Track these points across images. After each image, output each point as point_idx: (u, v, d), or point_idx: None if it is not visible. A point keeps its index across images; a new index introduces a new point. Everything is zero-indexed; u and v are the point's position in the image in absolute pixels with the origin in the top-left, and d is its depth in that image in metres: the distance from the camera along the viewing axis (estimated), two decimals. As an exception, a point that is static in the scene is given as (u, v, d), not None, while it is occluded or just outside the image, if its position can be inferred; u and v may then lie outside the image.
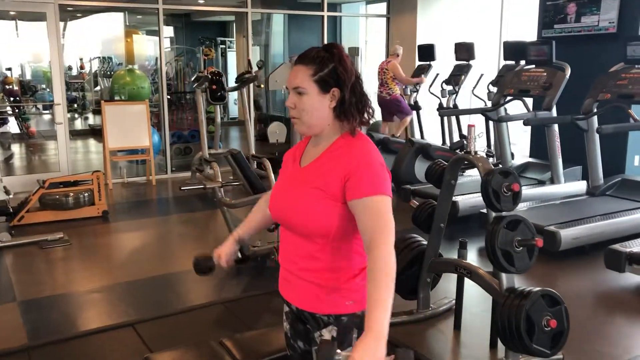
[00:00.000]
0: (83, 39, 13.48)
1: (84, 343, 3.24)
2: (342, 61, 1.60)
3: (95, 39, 14.09)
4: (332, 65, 1.59)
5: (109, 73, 13.61)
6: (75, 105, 13.62)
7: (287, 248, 1.72)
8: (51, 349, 3.16)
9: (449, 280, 3.74)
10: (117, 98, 8.39)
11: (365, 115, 1.64)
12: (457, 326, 3.41)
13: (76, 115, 13.59)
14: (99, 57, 14.26)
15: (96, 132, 11.14)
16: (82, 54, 14.46)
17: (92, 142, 11.07)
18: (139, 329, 3.37)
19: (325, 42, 8.94)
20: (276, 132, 3.46)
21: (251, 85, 7.70)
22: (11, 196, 5.09)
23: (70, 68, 13.25)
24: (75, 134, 9.50)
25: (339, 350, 1.32)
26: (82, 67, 14.77)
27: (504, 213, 2.89)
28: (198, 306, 3.74)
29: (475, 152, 3.03)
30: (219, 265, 1.94)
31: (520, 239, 2.85)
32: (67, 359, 3.04)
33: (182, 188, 4.60)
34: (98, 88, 14.40)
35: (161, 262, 4.64)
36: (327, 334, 1.65)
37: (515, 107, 6.64)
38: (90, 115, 14.03)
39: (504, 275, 2.92)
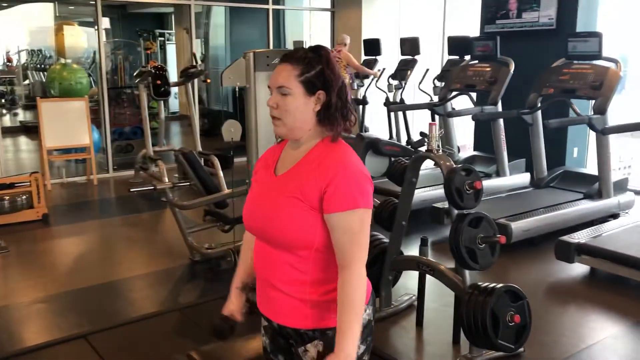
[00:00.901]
0: (9, 30, 12.78)
1: (34, 359, 3.04)
2: (330, 64, 1.54)
3: (22, 30, 13.38)
4: (319, 67, 1.52)
5: (39, 66, 12.96)
6: (3, 101, 12.90)
7: (264, 261, 1.63)
8: (-4, 367, 2.95)
9: (408, 277, 3.76)
10: (52, 93, 7.97)
11: (348, 123, 1.58)
12: (420, 323, 3.43)
13: (4, 111, 12.88)
14: (27, 50, 13.55)
15: (29, 130, 10.58)
16: (8, 46, 13.71)
17: (23, 140, 10.50)
18: (93, 340, 3.19)
19: (271, 35, 8.84)
20: (231, 129, 3.33)
21: (196, 80, 7.51)
22: (-60, 201, 4.74)
23: (-6, 61, 12.56)
24: (5, 131, 8.97)
25: None
26: (9, 60, 14.00)
27: (465, 211, 2.92)
28: (153, 314, 3.58)
29: (437, 150, 3.04)
30: (237, 322, 1.78)
31: (484, 235, 2.88)
32: (15, 377, 2.85)
33: (131, 190, 4.41)
34: (27, 82, 13.70)
35: (109, 268, 4.43)
36: (313, 348, 1.58)
37: (458, 101, 6.77)
38: (20, 111, 13.33)
39: (466, 272, 2.95)
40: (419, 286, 3.40)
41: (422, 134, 3.15)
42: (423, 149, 3.20)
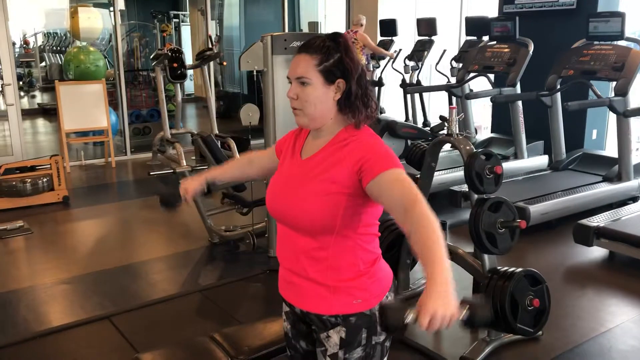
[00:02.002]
0: (25, 13, 12.83)
1: (59, 339, 3.11)
2: (349, 51, 1.54)
3: (38, 12, 13.44)
4: (338, 55, 1.52)
5: (55, 49, 13.04)
6: (21, 83, 13.01)
7: (287, 246, 1.64)
8: (24, 347, 3.02)
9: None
10: (68, 76, 8.02)
11: (369, 110, 1.58)
12: (438, 306, 3.44)
13: (22, 94, 12.99)
14: (44, 32, 13.63)
15: (47, 112, 10.69)
16: (26, 28, 13.78)
17: (42, 123, 10.62)
18: (116, 321, 3.26)
19: (286, 17, 8.79)
20: (249, 113, 3.37)
21: (211, 62, 7.51)
22: (-36, 184, 4.83)
23: (14, 44, 12.61)
24: (24, 114, 9.04)
25: (410, 313, 1.25)
26: (26, 43, 14.09)
27: (486, 195, 2.92)
28: (174, 295, 3.64)
29: (457, 134, 3.03)
30: (184, 198, 1.93)
31: (503, 220, 2.88)
32: (43, 357, 2.91)
33: (150, 174, 4.46)
34: (44, 64, 13.80)
35: (130, 250, 4.51)
36: (335, 335, 1.60)
37: (477, 83, 6.71)
38: (37, 94, 13.45)
39: (486, 257, 2.96)
40: (437, 270, 3.41)
41: (441, 117, 3.13)
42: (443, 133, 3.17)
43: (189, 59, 8.84)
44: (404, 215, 1.39)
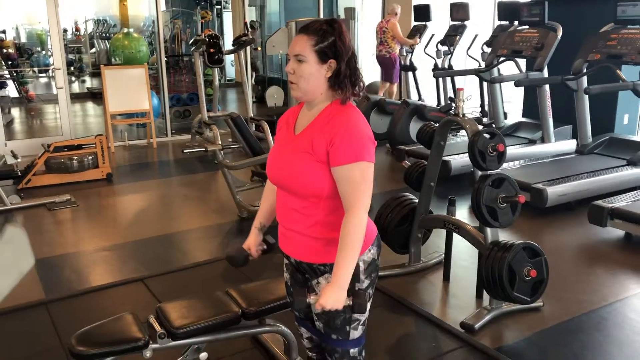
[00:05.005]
0: (77, 1, 13.40)
1: (98, 297, 3.47)
2: (342, 36, 1.76)
3: (88, 0, 13.98)
4: (332, 39, 1.74)
5: (104, 35, 13.58)
6: (72, 68, 13.63)
7: (284, 207, 1.90)
8: (68, 302, 3.39)
9: (440, 236, 3.95)
10: (114, 61, 8.45)
11: (357, 88, 1.80)
12: (446, 278, 3.64)
13: (73, 79, 13.62)
14: (94, 19, 14.18)
15: (95, 96, 11.22)
16: (77, 16, 14.38)
17: (90, 106, 11.16)
18: (149, 283, 3.60)
19: (321, 2, 8.98)
20: (274, 95, 3.57)
21: (248, 47, 7.78)
22: (18, 160, 5.25)
23: (65, 31, 13.22)
24: (73, 98, 9.57)
25: (311, 296, 1.71)
26: (77, 29, 14.71)
27: (489, 172, 3.08)
28: (203, 262, 3.96)
29: (464, 115, 3.20)
30: (251, 256, 2.14)
31: (504, 195, 3.04)
32: (83, 311, 3.26)
33: (184, 151, 4.78)
34: (93, 50, 14.38)
35: (166, 222, 4.85)
36: (324, 281, 1.85)
37: (510, 67, 6.76)
38: (87, 79, 14.06)
39: (488, 230, 3.13)
40: (446, 243, 3.60)
41: (450, 99, 3.30)
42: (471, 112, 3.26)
43: (229, 45, 9.12)
44: (345, 211, 1.74)
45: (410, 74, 8.17)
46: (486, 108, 7.52)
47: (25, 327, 3.11)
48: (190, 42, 7.61)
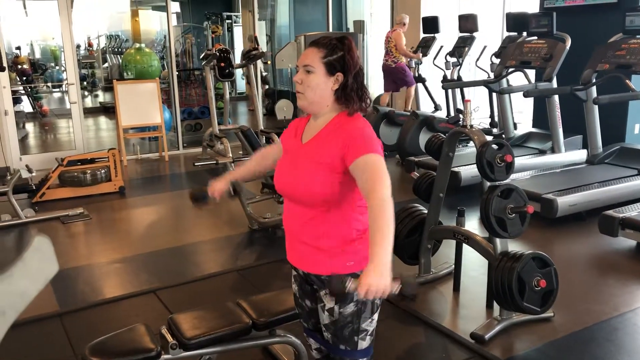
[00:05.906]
0: (89, 16, 13.62)
1: (111, 308, 3.51)
2: (351, 52, 1.81)
3: (101, 16, 14.21)
4: (341, 53, 1.79)
5: (117, 50, 13.77)
6: (85, 83, 13.82)
7: (291, 218, 1.93)
8: (81, 314, 3.43)
9: (450, 247, 3.96)
10: (127, 76, 8.59)
11: (364, 104, 1.84)
12: (456, 288, 3.64)
13: (86, 93, 13.81)
14: (106, 34, 14.40)
15: (107, 110, 11.37)
16: (89, 31, 14.61)
17: (103, 120, 11.31)
18: (161, 295, 3.64)
19: (330, 15, 9.06)
20: (284, 108, 3.62)
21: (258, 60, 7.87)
22: (33, 174, 5.34)
23: (78, 46, 13.42)
24: (86, 112, 9.72)
25: (350, 278, 1.54)
26: (90, 45, 14.93)
27: (497, 182, 3.10)
28: (214, 274, 4.00)
29: (471, 126, 3.22)
30: (213, 198, 2.25)
31: (513, 206, 3.05)
32: (96, 322, 3.30)
33: (195, 164, 4.83)
34: (106, 65, 14.59)
35: (177, 234, 4.90)
36: (331, 292, 1.87)
37: (520, 77, 6.77)
38: (100, 93, 14.25)
39: (498, 240, 3.13)
40: (456, 254, 3.61)
41: (457, 110, 3.32)
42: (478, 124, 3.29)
43: (239, 59, 9.22)
44: (367, 197, 1.65)
45: (420, 85, 8.21)
46: (496, 119, 7.53)
47: (40, 338, 3.16)
48: (201, 57, 7.71)
